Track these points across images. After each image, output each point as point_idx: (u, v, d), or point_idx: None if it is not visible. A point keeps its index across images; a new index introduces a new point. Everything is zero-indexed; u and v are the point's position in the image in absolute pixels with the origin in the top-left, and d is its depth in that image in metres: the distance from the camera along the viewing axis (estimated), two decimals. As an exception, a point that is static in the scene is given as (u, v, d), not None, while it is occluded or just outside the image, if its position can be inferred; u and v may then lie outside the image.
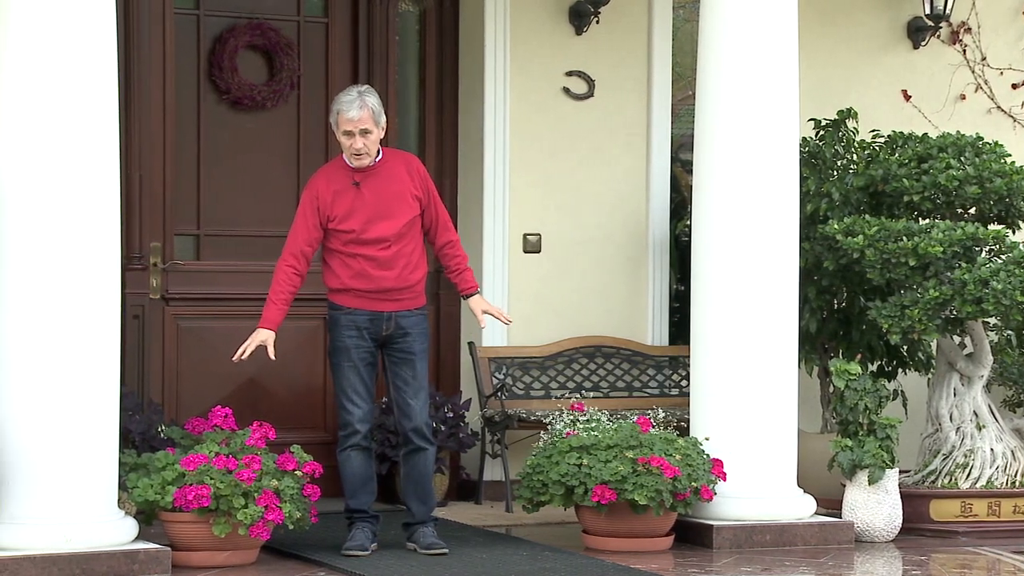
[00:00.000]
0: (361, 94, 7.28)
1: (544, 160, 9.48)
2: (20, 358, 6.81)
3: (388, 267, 7.33)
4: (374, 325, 7.36)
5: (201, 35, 8.98)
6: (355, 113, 7.23)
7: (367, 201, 7.32)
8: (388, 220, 7.31)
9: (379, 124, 7.30)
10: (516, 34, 9.37)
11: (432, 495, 7.58)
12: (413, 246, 7.37)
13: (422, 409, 7.42)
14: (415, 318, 7.41)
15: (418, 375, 7.42)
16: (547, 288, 9.50)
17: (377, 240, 7.32)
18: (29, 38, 6.78)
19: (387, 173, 7.35)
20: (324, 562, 7.26)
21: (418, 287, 7.43)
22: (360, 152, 7.28)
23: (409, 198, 7.34)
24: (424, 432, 7.45)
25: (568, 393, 9.29)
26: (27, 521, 6.79)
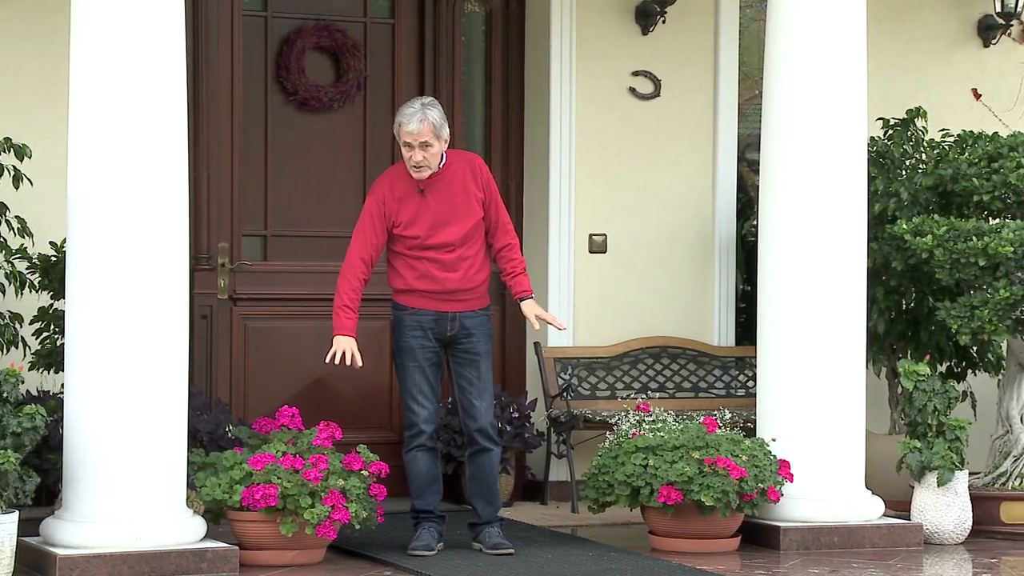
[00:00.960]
0: (424, 107, 7.28)
1: (610, 160, 9.47)
2: (89, 358, 6.87)
3: (453, 269, 7.37)
4: (438, 325, 7.38)
5: (269, 36, 9.03)
6: (415, 126, 7.24)
7: (431, 207, 7.34)
8: (453, 225, 7.33)
9: (440, 137, 7.29)
10: (582, 34, 9.36)
11: (498, 495, 7.58)
12: (477, 248, 7.41)
13: (487, 410, 7.43)
14: (479, 319, 7.44)
15: (482, 376, 7.43)
16: (612, 288, 9.48)
17: (442, 245, 7.35)
18: (99, 41, 6.84)
19: (451, 178, 7.36)
20: (390, 562, 7.28)
21: (482, 288, 7.45)
22: (419, 165, 7.29)
23: (473, 202, 7.36)
24: (489, 433, 7.45)
25: (634, 393, 9.27)
26: (97, 519, 6.85)
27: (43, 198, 7.82)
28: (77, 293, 6.93)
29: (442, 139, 7.31)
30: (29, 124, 8.03)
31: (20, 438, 6.73)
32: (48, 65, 8.18)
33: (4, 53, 8.19)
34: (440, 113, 7.32)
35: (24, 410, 6.77)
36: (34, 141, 7.56)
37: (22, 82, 8.22)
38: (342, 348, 7.34)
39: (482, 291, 7.47)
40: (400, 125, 7.29)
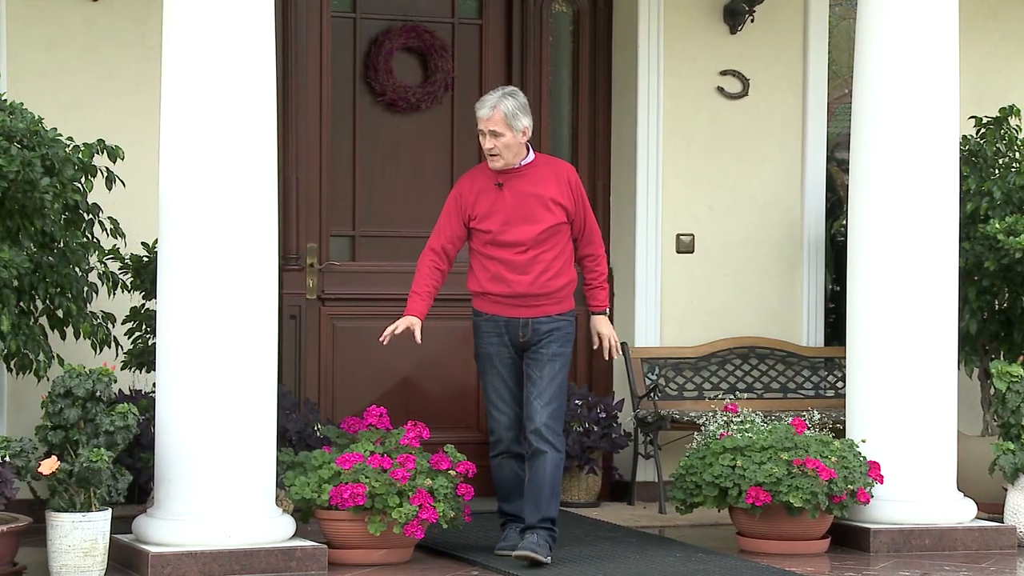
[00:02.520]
0: (502, 96, 7.18)
1: (697, 160, 9.43)
2: (180, 358, 6.93)
3: (523, 271, 7.21)
4: (511, 331, 7.26)
5: (357, 37, 9.07)
6: (485, 112, 7.16)
7: (507, 203, 7.22)
8: (527, 224, 7.19)
9: (512, 128, 7.14)
10: (670, 33, 9.33)
11: (549, 501, 7.21)
12: (555, 253, 7.22)
13: (544, 409, 7.19)
14: (556, 323, 7.25)
15: (546, 375, 7.23)
16: (700, 288, 9.44)
17: (514, 243, 7.21)
18: (190, 44, 6.90)
19: (533, 177, 7.23)
20: (478, 561, 7.29)
21: (560, 294, 7.26)
22: (491, 153, 7.18)
23: (551, 204, 7.19)
24: (543, 434, 7.19)
25: (721, 394, 9.23)
26: (188, 517, 6.90)
27: (135, 199, 7.89)
28: (168, 293, 6.99)
29: (515, 130, 7.15)
30: (122, 126, 8.12)
31: (113, 437, 6.80)
32: (140, 68, 8.27)
33: (97, 56, 8.29)
34: (518, 104, 7.17)
35: (117, 409, 6.84)
36: (126, 143, 7.64)
37: (115, 85, 8.31)
38: (405, 324, 7.24)
39: (560, 296, 7.27)
40: (476, 111, 7.24)
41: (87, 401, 6.81)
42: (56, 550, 6.69)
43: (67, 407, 6.80)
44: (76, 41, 8.26)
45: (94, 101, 8.25)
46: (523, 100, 7.23)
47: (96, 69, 8.29)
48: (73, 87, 8.23)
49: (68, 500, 6.71)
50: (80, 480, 6.69)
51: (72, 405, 6.80)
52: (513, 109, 7.14)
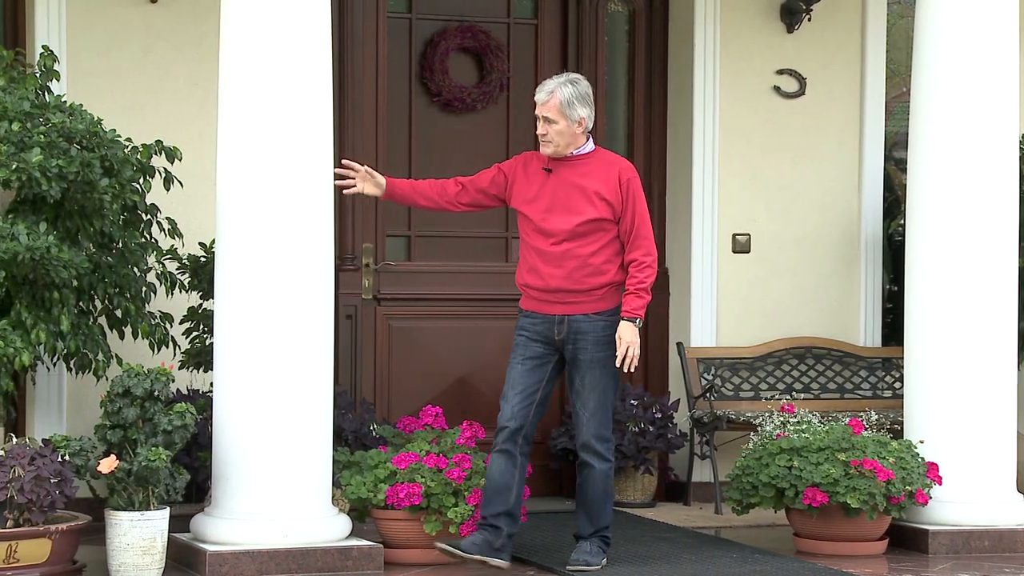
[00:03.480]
0: (563, 83, 6.97)
1: (754, 159, 9.41)
2: (237, 357, 6.97)
3: (557, 265, 6.93)
4: (546, 328, 6.98)
5: (413, 38, 9.09)
6: (542, 97, 6.97)
7: (550, 190, 6.97)
8: (565, 214, 6.92)
9: (568, 116, 6.91)
10: (726, 33, 9.31)
11: (600, 514, 7.07)
12: (594, 249, 6.92)
13: (590, 421, 6.96)
14: (593, 323, 6.94)
15: (587, 383, 6.95)
16: (756, 288, 9.42)
17: (550, 233, 6.93)
18: (247, 45, 6.93)
19: (583, 169, 6.98)
20: (534, 561, 7.29)
21: (599, 292, 6.94)
22: (543, 139, 6.96)
23: (595, 198, 6.91)
24: (593, 446, 6.98)
25: (778, 394, 9.20)
26: (245, 517, 6.94)
27: (193, 200, 7.94)
28: (225, 293, 7.03)
29: (571, 119, 6.92)
30: (179, 127, 8.17)
31: (171, 436, 6.84)
32: (197, 69, 8.32)
33: (155, 58, 8.34)
34: (577, 93, 6.94)
35: (175, 408, 6.88)
36: (184, 144, 7.69)
37: (172, 86, 8.36)
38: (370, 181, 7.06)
39: (600, 295, 6.95)
40: (536, 93, 7.04)
41: (145, 400, 6.86)
42: (115, 548, 6.75)
43: (126, 406, 6.85)
44: (134, 43, 8.32)
45: (152, 102, 8.31)
46: (584, 89, 7.01)
47: (154, 70, 8.35)
48: (131, 88, 8.29)
49: (127, 499, 6.76)
50: (139, 479, 6.74)
51: (131, 404, 6.85)
52: (570, 97, 6.93)
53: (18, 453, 6.67)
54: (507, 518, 6.94)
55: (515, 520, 6.98)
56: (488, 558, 6.90)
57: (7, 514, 6.62)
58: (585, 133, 7.02)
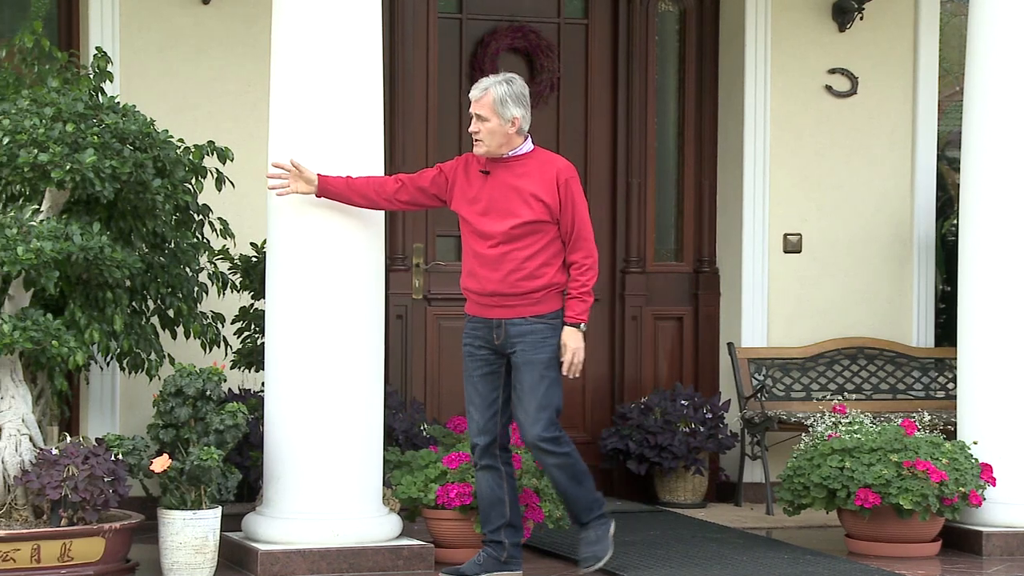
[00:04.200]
0: (499, 81, 6.77)
1: (805, 159, 9.36)
2: (289, 357, 6.99)
3: (494, 268, 6.74)
4: (486, 333, 6.82)
5: (464, 38, 9.10)
6: (475, 94, 6.77)
7: (488, 193, 6.77)
8: (502, 217, 6.72)
9: (500, 115, 6.69)
10: (777, 32, 9.27)
11: (583, 500, 6.89)
12: (531, 252, 6.71)
13: (533, 424, 6.73)
14: (530, 326, 6.73)
15: (525, 386, 6.73)
16: (808, 288, 9.37)
17: (487, 235, 6.75)
18: (299, 46, 6.95)
19: (520, 170, 6.76)
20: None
21: (535, 295, 6.73)
22: (474, 136, 6.75)
23: (532, 199, 6.70)
24: (539, 446, 6.76)
25: (829, 395, 9.16)
26: (297, 516, 6.96)
27: (244, 200, 7.97)
28: (276, 293, 7.05)
29: (503, 119, 6.70)
30: (231, 128, 8.20)
31: (223, 435, 6.87)
32: (249, 69, 8.35)
33: (207, 59, 8.38)
34: (511, 92, 6.73)
35: (226, 408, 6.91)
36: (236, 144, 7.72)
37: (224, 87, 8.40)
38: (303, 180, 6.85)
39: (536, 298, 6.73)
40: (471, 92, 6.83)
41: (197, 400, 6.89)
42: (168, 547, 6.78)
43: (178, 406, 6.88)
44: (187, 44, 8.35)
45: (204, 103, 8.34)
46: (520, 89, 6.80)
47: (206, 71, 8.38)
48: (183, 89, 8.33)
49: (179, 498, 6.78)
50: (191, 478, 6.77)
51: (183, 404, 6.88)
52: (504, 96, 6.72)
53: (72, 452, 6.71)
54: (507, 530, 6.89)
55: (516, 530, 6.92)
56: (496, 573, 6.85)
57: (61, 513, 6.67)
58: (521, 134, 6.78)
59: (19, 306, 6.91)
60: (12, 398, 6.91)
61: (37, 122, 6.89)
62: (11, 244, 6.64)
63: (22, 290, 6.92)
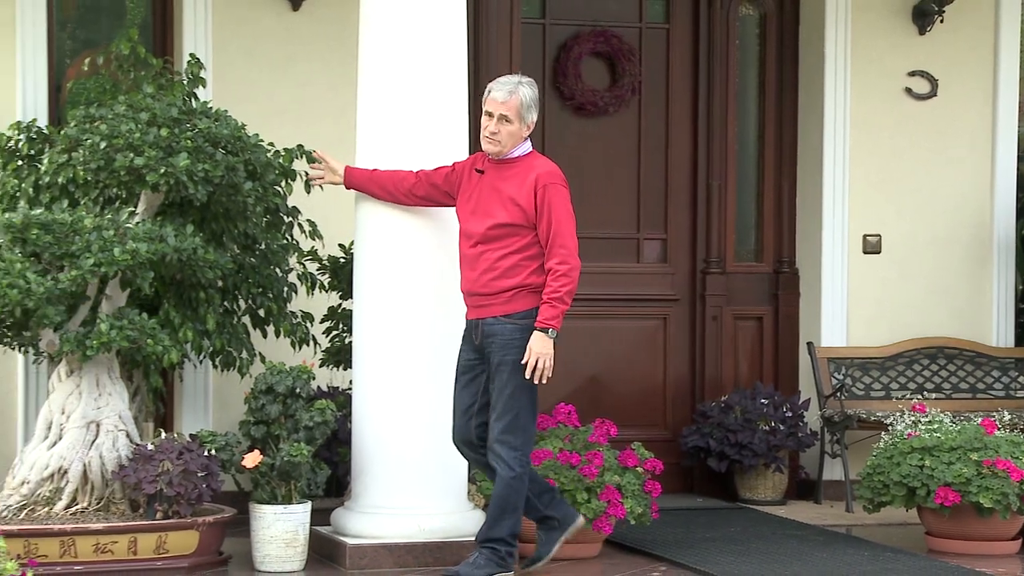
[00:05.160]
0: (520, 84, 6.68)
1: (884, 161, 9.31)
2: (375, 356, 7.03)
3: (472, 267, 6.68)
4: (469, 332, 6.76)
5: (547, 43, 9.11)
6: (502, 96, 6.64)
7: (479, 193, 6.72)
8: (482, 217, 6.66)
9: (522, 118, 6.64)
10: (857, 35, 9.22)
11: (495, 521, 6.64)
12: (503, 253, 6.60)
13: (496, 424, 6.61)
14: (500, 326, 6.61)
15: (496, 387, 6.62)
16: (887, 289, 9.31)
17: (468, 235, 6.70)
18: (385, 53, 7.00)
19: (511, 173, 6.68)
20: (665, 557, 7.28)
21: (506, 295, 6.60)
22: (491, 137, 6.65)
23: (509, 203, 6.62)
24: (496, 450, 6.61)
25: (909, 394, 9.10)
26: (383, 511, 7.01)
27: (333, 202, 8.01)
28: (364, 294, 7.10)
29: (524, 122, 6.66)
30: (319, 132, 8.25)
31: (312, 432, 6.93)
32: (336, 75, 8.41)
33: (296, 66, 8.45)
34: (534, 97, 6.68)
35: (315, 405, 6.97)
36: (324, 147, 7.76)
37: (312, 91, 8.46)
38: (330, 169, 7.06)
39: (507, 297, 6.60)
40: (489, 92, 6.69)
41: (287, 397, 6.95)
42: (259, 540, 6.85)
43: (269, 403, 6.95)
44: (277, 50, 8.43)
45: (293, 107, 8.41)
46: (537, 94, 6.74)
47: (295, 77, 8.45)
48: (273, 94, 8.40)
49: (270, 493, 6.85)
50: (281, 473, 6.83)
51: (273, 401, 6.95)
52: (530, 101, 6.67)
53: (167, 448, 6.80)
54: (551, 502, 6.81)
55: (561, 500, 6.86)
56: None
57: (157, 506, 6.76)
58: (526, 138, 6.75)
59: (116, 306, 7.00)
60: (109, 395, 7.01)
61: (133, 127, 6.98)
62: (108, 245, 6.74)
63: (119, 290, 7.02)
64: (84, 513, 6.83)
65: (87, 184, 7.10)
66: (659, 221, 9.23)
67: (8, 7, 7.95)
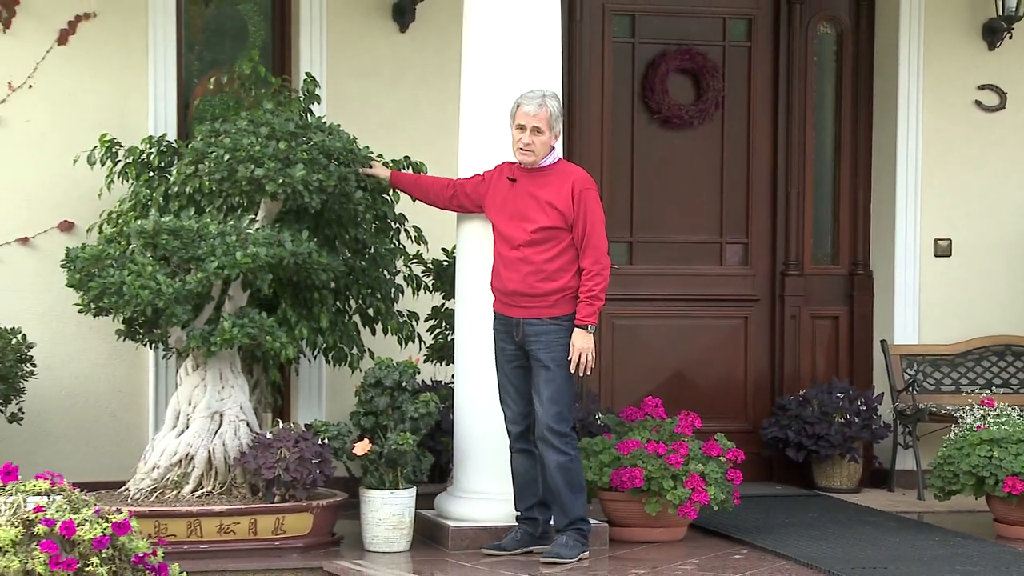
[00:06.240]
0: (545, 96, 6.70)
1: (955, 170, 9.19)
2: (476, 352, 7.04)
3: (513, 269, 6.70)
4: (507, 329, 6.78)
5: (635, 61, 9.09)
6: (532, 109, 6.66)
7: (512, 199, 6.74)
8: (522, 222, 6.69)
9: (552, 128, 6.69)
10: (929, 51, 9.11)
11: (570, 503, 6.71)
12: (549, 257, 6.65)
13: (544, 415, 6.66)
14: (543, 327, 6.67)
15: (541, 381, 6.66)
16: (956, 290, 9.20)
17: (507, 239, 6.73)
18: (485, 71, 7.01)
19: (545, 180, 6.72)
20: (747, 541, 7.24)
21: (551, 297, 6.67)
22: (527, 148, 6.68)
23: (547, 207, 6.66)
24: (547, 438, 6.66)
25: (978, 389, 8.98)
26: (482, 496, 7.02)
27: (435, 210, 8.04)
28: (465, 294, 7.12)
29: (553, 131, 6.70)
30: (424, 145, 8.28)
31: (417, 422, 6.96)
32: (440, 92, 8.43)
33: (402, 83, 8.49)
34: (559, 108, 6.73)
35: (420, 397, 6.99)
36: (428, 160, 7.80)
37: (418, 108, 8.49)
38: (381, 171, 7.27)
39: (552, 301, 6.67)
40: (518, 107, 6.69)
41: (394, 390, 6.98)
42: (369, 523, 6.89)
43: (377, 395, 6.98)
44: (385, 70, 8.47)
45: (400, 122, 8.45)
46: (561, 106, 6.81)
47: (401, 94, 8.49)
48: (382, 110, 8.44)
49: (378, 478, 6.89)
50: (389, 461, 6.87)
51: (381, 394, 6.98)
52: (557, 112, 6.71)
53: (284, 437, 6.86)
54: (541, 507, 6.86)
55: (547, 507, 6.86)
56: (532, 547, 6.79)
57: (274, 490, 6.82)
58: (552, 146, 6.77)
59: (237, 305, 7.07)
60: (232, 388, 7.08)
61: (254, 140, 7.05)
62: (231, 250, 6.80)
63: (240, 291, 7.09)
64: (209, 496, 6.91)
65: (212, 193, 7.18)
66: (741, 226, 9.18)
67: (141, 32, 8.06)
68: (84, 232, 7.86)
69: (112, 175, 7.63)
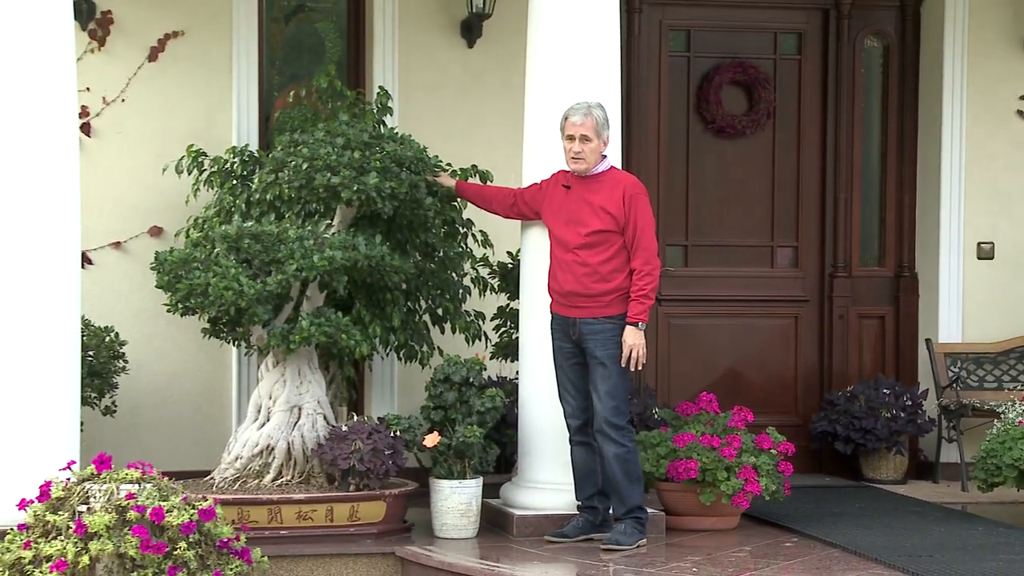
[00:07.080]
0: (590, 107, 6.70)
1: (998, 176, 9.10)
2: (539, 350, 7.02)
3: (569, 271, 6.71)
4: (564, 328, 6.77)
5: (691, 74, 9.06)
6: (579, 119, 6.66)
7: (567, 204, 6.75)
8: (577, 226, 6.70)
9: (600, 136, 6.68)
10: (972, 63, 9.02)
11: (627, 492, 6.70)
12: (603, 259, 6.65)
13: (601, 410, 6.65)
14: (599, 326, 6.66)
15: (598, 378, 6.65)
16: (999, 291, 9.10)
17: (563, 242, 6.73)
18: (548, 86, 7.00)
19: (597, 186, 6.72)
20: (797, 529, 7.19)
21: (606, 298, 6.67)
22: (577, 156, 6.67)
23: (601, 211, 6.66)
24: (604, 431, 6.66)
25: (1020, 386, 8.88)
26: (545, 485, 7.02)
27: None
28: (529, 295, 7.12)
29: (601, 138, 6.69)
30: (490, 154, 8.28)
31: (483, 416, 6.96)
32: (505, 104, 8.43)
33: (470, 95, 8.50)
34: (605, 117, 6.71)
35: (487, 393, 7.00)
36: (494, 168, 7.81)
37: (484, 119, 8.50)
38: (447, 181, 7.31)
39: (606, 301, 6.66)
40: (566, 118, 6.71)
41: (462, 386, 6.99)
42: (438, 511, 6.90)
43: (446, 391, 6.99)
44: (453, 83, 8.49)
45: (467, 133, 8.46)
46: (607, 115, 6.77)
47: (469, 106, 8.51)
48: (450, 121, 8.46)
49: (447, 469, 6.90)
50: (457, 452, 6.88)
51: (450, 389, 7.00)
52: (603, 120, 6.71)
53: (358, 429, 6.89)
54: (600, 496, 6.83)
55: (606, 496, 6.82)
56: (593, 535, 6.77)
57: (350, 480, 6.84)
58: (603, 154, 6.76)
59: (315, 305, 7.11)
60: (309, 383, 7.12)
61: (330, 150, 7.08)
62: (309, 253, 6.84)
63: (317, 292, 7.12)
64: (288, 485, 6.95)
65: (291, 200, 7.22)
66: (791, 230, 9.13)
67: (225, 49, 8.12)
68: (172, 236, 7.93)
69: (198, 183, 7.70)
